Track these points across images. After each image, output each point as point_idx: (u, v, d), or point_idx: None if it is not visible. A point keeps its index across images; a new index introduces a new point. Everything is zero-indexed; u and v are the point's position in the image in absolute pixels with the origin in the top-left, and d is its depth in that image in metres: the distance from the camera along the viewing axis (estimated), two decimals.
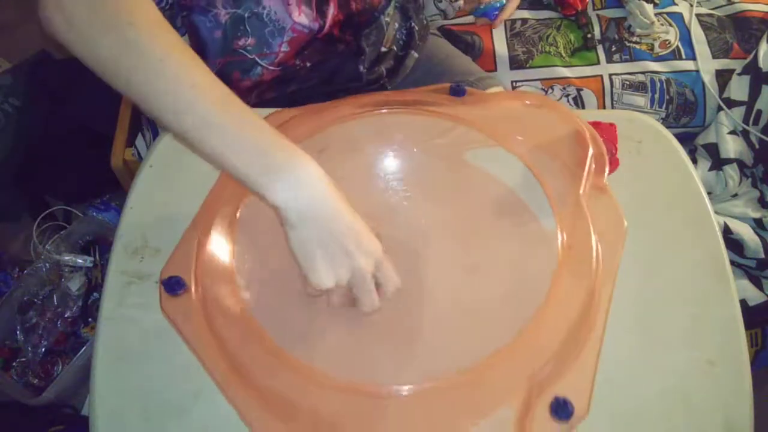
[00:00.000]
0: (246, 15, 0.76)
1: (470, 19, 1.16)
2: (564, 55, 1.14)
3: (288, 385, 0.51)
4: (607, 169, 0.61)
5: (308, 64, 0.83)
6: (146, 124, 1.08)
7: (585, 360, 0.50)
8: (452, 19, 1.20)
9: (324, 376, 0.51)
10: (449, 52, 0.98)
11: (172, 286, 0.54)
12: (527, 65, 1.13)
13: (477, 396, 0.51)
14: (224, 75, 0.81)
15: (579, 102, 1.11)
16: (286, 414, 0.49)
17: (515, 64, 1.13)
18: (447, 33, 1.17)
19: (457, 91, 0.70)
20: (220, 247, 0.59)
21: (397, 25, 0.89)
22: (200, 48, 0.81)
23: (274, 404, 0.49)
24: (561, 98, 1.11)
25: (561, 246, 0.58)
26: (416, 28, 0.91)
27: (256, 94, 0.84)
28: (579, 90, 1.11)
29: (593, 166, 0.61)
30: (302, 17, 0.77)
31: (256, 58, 0.79)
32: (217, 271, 0.57)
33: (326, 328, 0.57)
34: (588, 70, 1.12)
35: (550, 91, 1.11)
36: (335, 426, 0.49)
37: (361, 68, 0.86)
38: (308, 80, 0.85)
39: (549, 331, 0.52)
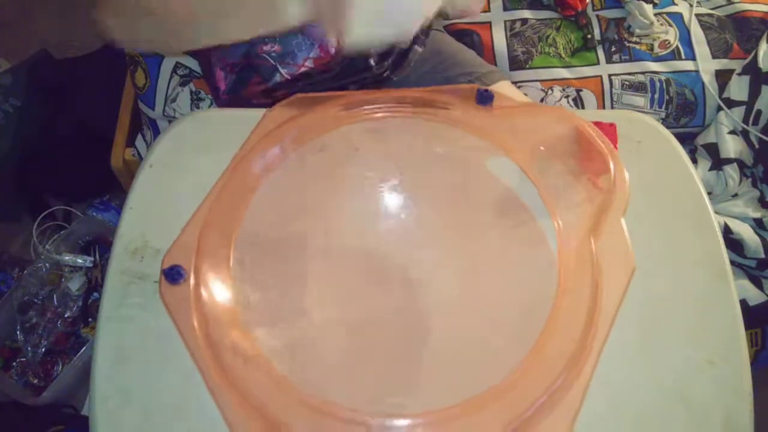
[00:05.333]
0: None
1: (470, 19, 1.16)
2: (564, 55, 1.14)
3: (269, 396, 0.51)
4: (625, 211, 0.57)
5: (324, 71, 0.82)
6: (146, 124, 1.08)
7: (564, 410, 0.48)
8: (452, 20, 1.19)
9: (300, 392, 0.51)
10: (456, 48, 0.98)
11: (173, 275, 0.54)
12: (527, 66, 1.12)
13: None
14: (244, 78, 0.81)
15: (579, 103, 1.11)
16: (264, 422, 0.49)
17: (515, 64, 1.13)
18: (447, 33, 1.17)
19: (483, 99, 0.66)
20: (222, 241, 0.59)
21: None
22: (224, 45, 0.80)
23: (254, 410, 0.49)
24: (561, 99, 1.11)
25: (559, 287, 0.56)
26: None
27: (265, 94, 0.84)
28: (578, 91, 1.11)
29: (612, 208, 0.58)
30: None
31: (278, 66, 0.79)
32: (216, 265, 0.57)
33: (316, 345, 0.57)
34: (587, 71, 1.12)
35: (549, 92, 1.11)
36: None
37: (372, 62, 0.85)
38: (318, 76, 0.84)
39: (534, 378, 0.50)
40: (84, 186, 1.39)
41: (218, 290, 0.56)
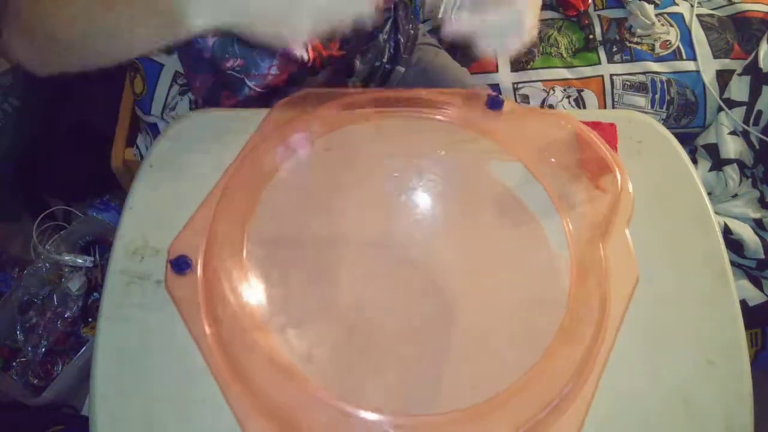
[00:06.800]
0: (234, 38, 0.75)
1: None
2: (565, 56, 1.14)
3: (280, 391, 0.50)
4: (629, 222, 0.58)
5: (293, 83, 0.81)
6: (144, 129, 1.07)
7: (573, 413, 0.49)
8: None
9: (315, 388, 0.51)
10: (446, 63, 0.94)
11: (180, 265, 0.53)
12: (528, 66, 1.12)
13: None
14: (213, 94, 0.81)
15: (580, 103, 1.11)
16: (272, 414, 0.48)
17: (517, 65, 1.13)
18: None
19: (494, 104, 0.66)
20: (233, 230, 0.58)
21: (386, 36, 0.86)
22: (191, 64, 0.81)
23: (264, 404, 0.49)
24: (562, 99, 1.11)
25: (569, 294, 0.56)
26: (402, 40, 0.88)
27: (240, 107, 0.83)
28: (580, 91, 1.11)
29: (620, 215, 0.58)
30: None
31: (245, 79, 0.78)
32: (226, 255, 0.57)
33: (329, 341, 0.57)
34: (589, 71, 1.13)
35: (551, 92, 1.11)
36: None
37: (351, 89, 0.84)
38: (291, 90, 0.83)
39: (545, 382, 0.51)
40: (84, 186, 1.39)
41: (227, 282, 0.56)
